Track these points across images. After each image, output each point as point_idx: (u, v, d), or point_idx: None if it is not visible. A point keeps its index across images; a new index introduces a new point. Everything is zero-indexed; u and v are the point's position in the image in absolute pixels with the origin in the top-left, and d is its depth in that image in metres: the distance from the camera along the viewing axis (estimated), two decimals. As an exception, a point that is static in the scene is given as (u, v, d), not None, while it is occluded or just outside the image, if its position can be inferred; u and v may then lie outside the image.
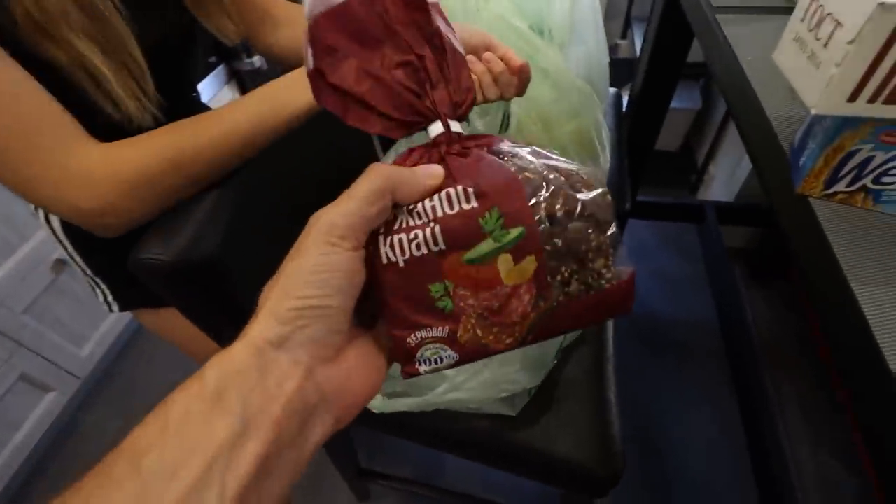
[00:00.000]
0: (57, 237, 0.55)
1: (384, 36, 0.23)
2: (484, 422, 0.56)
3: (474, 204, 0.21)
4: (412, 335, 0.23)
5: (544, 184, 0.22)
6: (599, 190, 0.22)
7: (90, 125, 0.42)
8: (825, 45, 0.29)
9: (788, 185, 0.38)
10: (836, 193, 0.36)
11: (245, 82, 1.72)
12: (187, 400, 0.18)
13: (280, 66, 0.63)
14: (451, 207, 0.22)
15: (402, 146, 0.54)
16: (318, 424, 0.20)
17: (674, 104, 1.13)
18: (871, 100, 0.29)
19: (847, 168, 0.34)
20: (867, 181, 0.34)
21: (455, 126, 0.24)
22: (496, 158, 0.23)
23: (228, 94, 1.70)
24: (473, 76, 0.40)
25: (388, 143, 0.67)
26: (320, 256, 0.20)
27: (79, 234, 0.52)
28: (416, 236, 0.21)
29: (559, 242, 0.22)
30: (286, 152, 0.55)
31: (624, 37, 1.59)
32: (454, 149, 0.23)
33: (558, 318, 0.22)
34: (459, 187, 0.22)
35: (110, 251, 0.50)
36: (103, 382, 1.25)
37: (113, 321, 1.22)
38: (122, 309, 0.61)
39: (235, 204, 0.47)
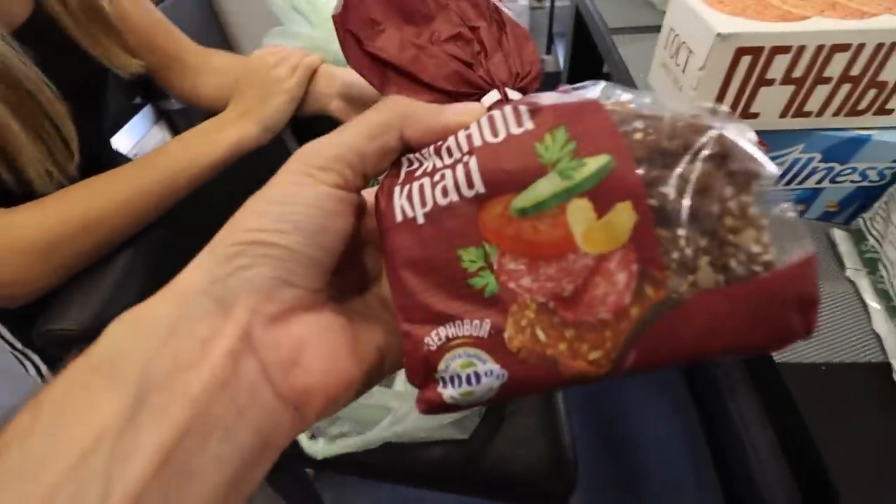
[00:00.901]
0: None
1: (435, 12, 0.19)
2: (436, 449, 0.56)
3: (528, 126, 0.15)
4: (432, 332, 0.15)
5: (640, 112, 0.14)
6: (738, 122, 0.14)
7: None
8: (683, 71, 0.32)
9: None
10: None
11: (175, 121, 1.67)
12: (71, 375, 0.13)
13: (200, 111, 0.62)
14: (495, 134, 0.15)
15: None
16: (266, 418, 0.14)
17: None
18: (729, 116, 0.32)
19: (724, 175, 0.37)
20: (743, 186, 0.37)
21: (514, 95, 0.18)
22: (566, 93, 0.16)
23: (158, 133, 1.64)
24: None
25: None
26: (289, 186, 0.15)
27: (4, 309, 0.49)
28: (442, 177, 0.15)
29: (671, 194, 0.13)
30: (207, 202, 0.54)
31: (548, 52, 1.67)
32: None
33: (678, 326, 0.13)
34: (507, 108, 0.15)
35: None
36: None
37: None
38: None
39: (152, 262, 0.45)
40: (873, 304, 0.31)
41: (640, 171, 0.13)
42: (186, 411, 0.13)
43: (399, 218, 0.16)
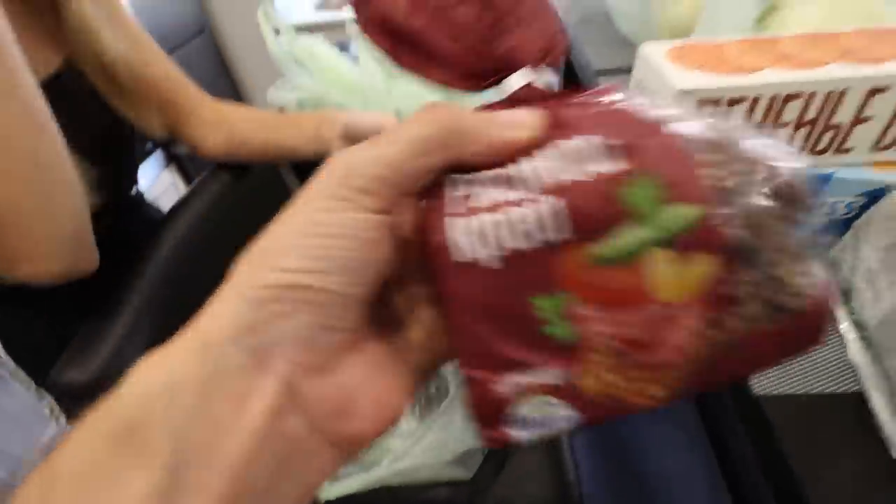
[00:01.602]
0: None
1: None
2: (440, 490, 0.55)
3: (608, 167, 0.14)
4: (502, 379, 0.15)
5: (706, 145, 0.14)
6: (793, 157, 0.14)
7: None
8: (650, 121, 0.34)
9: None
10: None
11: (185, 166, 1.73)
12: (87, 443, 0.12)
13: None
14: (571, 173, 0.14)
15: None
16: (310, 465, 0.14)
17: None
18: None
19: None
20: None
21: (545, 76, 0.17)
22: (633, 107, 0.15)
23: (168, 178, 1.70)
24: None
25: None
26: (324, 213, 0.13)
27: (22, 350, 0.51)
28: (510, 216, 0.14)
29: (738, 235, 0.14)
30: (214, 249, 0.57)
31: (542, 87, 1.73)
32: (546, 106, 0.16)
33: (730, 358, 0.15)
34: (580, 140, 0.14)
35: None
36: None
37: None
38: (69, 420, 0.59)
39: (159, 309, 0.47)
40: (849, 335, 0.32)
41: (718, 221, 0.13)
42: (226, 482, 0.12)
43: (461, 257, 0.14)
